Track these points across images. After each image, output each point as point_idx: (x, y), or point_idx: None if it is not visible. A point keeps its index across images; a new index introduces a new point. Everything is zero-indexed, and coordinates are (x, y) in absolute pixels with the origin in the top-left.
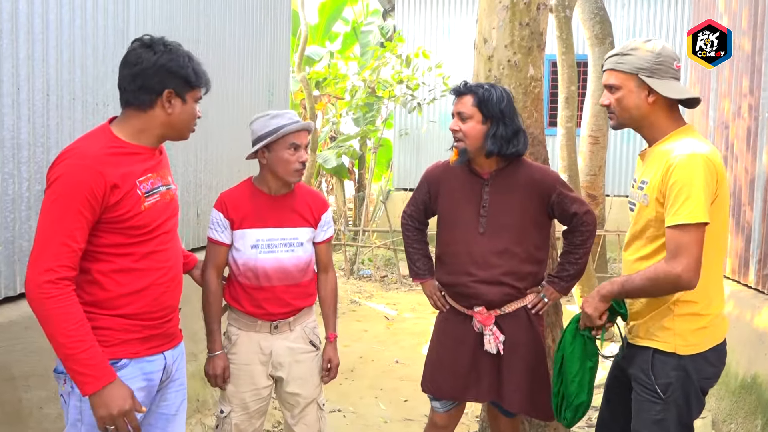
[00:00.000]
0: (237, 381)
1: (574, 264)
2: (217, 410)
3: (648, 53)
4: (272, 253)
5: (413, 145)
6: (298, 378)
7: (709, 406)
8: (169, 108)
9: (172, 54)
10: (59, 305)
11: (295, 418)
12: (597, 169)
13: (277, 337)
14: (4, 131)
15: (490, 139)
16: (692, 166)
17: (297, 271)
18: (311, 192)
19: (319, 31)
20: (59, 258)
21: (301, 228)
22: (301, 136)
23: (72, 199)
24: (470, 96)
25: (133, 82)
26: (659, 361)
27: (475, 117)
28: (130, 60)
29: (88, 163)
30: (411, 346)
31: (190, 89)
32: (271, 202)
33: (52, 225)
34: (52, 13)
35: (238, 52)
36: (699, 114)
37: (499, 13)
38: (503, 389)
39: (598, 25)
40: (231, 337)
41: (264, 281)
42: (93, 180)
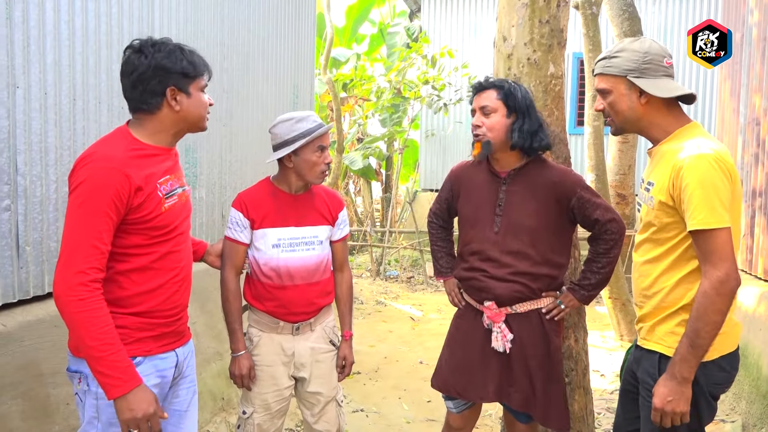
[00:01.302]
0: (259, 382)
1: (596, 273)
2: (239, 411)
3: (635, 53)
4: (294, 252)
5: (440, 146)
6: (319, 377)
7: (740, 410)
8: (176, 105)
9: (162, 52)
10: (90, 308)
11: (315, 416)
12: (626, 168)
13: (299, 338)
14: (32, 135)
15: (516, 132)
16: (704, 166)
17: (317, 269)
18: (327, 191)
19: (346, 33)
20: (89, 260)
21: (321, 226)
22: (325, 138)
23: (99, 202)
24: (494, 90)
25: (135, 89)
26: (666, 366)
27: (499, 110)
28: (126, 69)
29: (114, 166)
30: (436, 347)
31: (191, 80)
32: (291, 200)
33: (80, 228)
34: (78, 20)
35: (262, 55)
36: (730, 111)
37: (519, 10)
38: (511, 390)
39: (627, 21)
40: (253, 339)
41: (287, 280)
42: (119, 182)
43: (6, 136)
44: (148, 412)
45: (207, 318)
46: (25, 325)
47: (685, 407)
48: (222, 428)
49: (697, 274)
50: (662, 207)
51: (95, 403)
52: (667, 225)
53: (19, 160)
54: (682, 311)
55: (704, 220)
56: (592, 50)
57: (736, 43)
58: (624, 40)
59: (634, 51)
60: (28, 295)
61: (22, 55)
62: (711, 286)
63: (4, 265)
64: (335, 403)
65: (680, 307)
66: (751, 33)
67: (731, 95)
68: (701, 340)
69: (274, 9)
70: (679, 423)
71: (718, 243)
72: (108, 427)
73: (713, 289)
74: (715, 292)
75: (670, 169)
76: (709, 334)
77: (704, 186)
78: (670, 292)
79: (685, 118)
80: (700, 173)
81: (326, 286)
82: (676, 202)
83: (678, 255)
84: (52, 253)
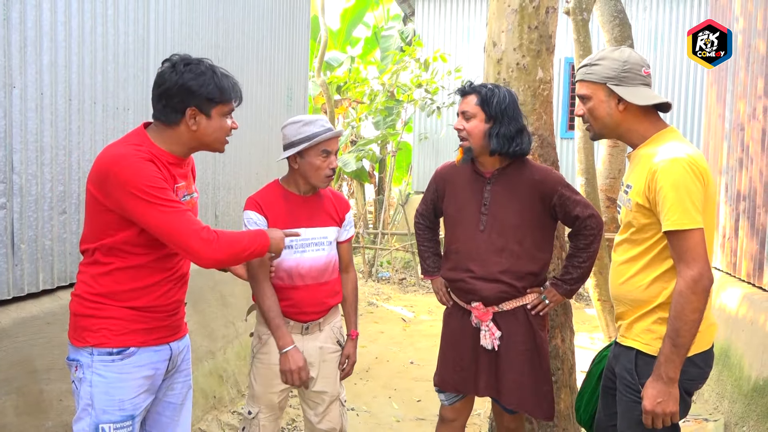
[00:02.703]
0: (268, 382)
1: (577, 267)
2: (244, 411)
3: (614, 62)
4: (305, 253)
5: (432, 149)
6: (325, 377)
7: (722, 409)
8: (194, 125)
9: (193, 73)
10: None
11: (319, 415)
12: (617, 172)
13: (308, 337)
14: (28, 134)
15: (494, 138)
16: (677, 170)
17: (327, 269)
18: (334, 192)
19: (341, 37)
20: (195, 222)
21: (329, 227)
22: (332, 143)
23: (155, 182)
24: (474, 95)
25: (159, 101)
26: (643, 362)
27: (478, 116)
28: (156, 80)
29: (146, 157)
30: (426, 347)
31: (215, 105)
32: (301, 202)
33: (170, 212)
34: (75, 21)
35: (256, 57)
36: (716, 116)
37: (508, 16)
38: (500, 386)
39: (618, 27)
40: (261, 337)
41: (298, 281)
42: (156, 169)
43: (2, 135)
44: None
45: (200, 317)
46: (19, 321)
47: (674, 407)
48: (213, 426)
49: (672, 274)
50: (639, 209)
51: (90, 391)
52: (644, 226)
53: (15, 159)
54: (659, 309)
55: (678, 221)
56: (582, 55)
57: None
58: (604, 49)
59: (614, 60)
60: (22, 292)
61: (19, 55)
62: (686, 285)
63: None
64: (339, 403)
65: (656, 306)
66: (736, 40)
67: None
68: (682, 339)
69: (268, 12)
70: (669, 424)
71: (692, 243)
72: (101, 414)
73: (688, 288)
74: (690, 290)
75: (646, 173)
76: (689, 332)
77: (677, 189)
78: (645, 290)
79: (661, 124)
80: (674, 176)
81: (335, 285)
82: (652, 204)
83: (654, 255)
84: (46, 251)
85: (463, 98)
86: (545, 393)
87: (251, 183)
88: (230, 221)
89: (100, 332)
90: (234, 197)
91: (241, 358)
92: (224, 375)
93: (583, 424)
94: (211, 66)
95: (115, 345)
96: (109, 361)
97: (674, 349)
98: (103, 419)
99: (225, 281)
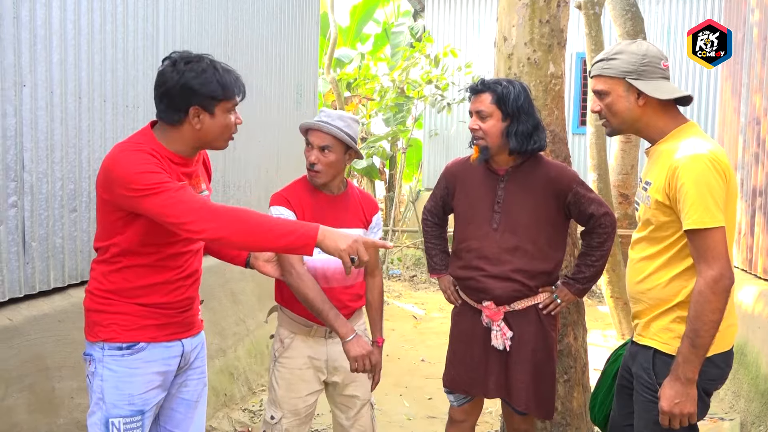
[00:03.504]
0: (290, 386)
1: (590, 266)
2: (266, 415)
3: (633, 56)
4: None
5: (443, 145)
6: (355, 380)
7: (739, 408)
8: (197, 123)
9: (194, 71)
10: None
11: (351, 419)
12: (629, 167)
13: (331, 341)
14: (38, 133)
15: (513, 136)
16: (699, 167)
17: (352, 272)
18: (363, 193)
19: (351, 33)
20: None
21: (356, 229)
22: (312, 135)
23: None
24: (488, 94)
25: (161, 101)
26: (660, 361)
27: (494, 115)
28: (157, 80)
29: (150, 152)
30: (437, 345)
31: (218, 102)
32: (328, 201)
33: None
34: (84, 19)
35: (265, 54)
36: (731, 110)
37: (519, 10)
38: (511, 387)
39: (630, 21)
40: (284, 341)
41: (323, 283)
42: (157, 161)
43: (13, 134)
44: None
45: (210, 315)
46: (30, 319)
47: (692, 408)
48: (224, 424)
49: (692, 272)
50: (659, 206)
51: (101, 385)
52: (664, 224)
53: (25, 157)
54: (677, 308)
55: (699, 220)
56: (594, 50)
57: (738, 43)
58: (621, 43)
59: (632, 53)
60: (33, 290)
61: (29, 53)
62: (706, 285)
63: (10, 260)
64: (369, 406)
65: (675, 304)
66: (752, 32)
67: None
68: (701, 340)
69: (278, 9)
70: (687, 424)
71: (712, 242)
72: (111, 408)
73: (708, 287)
74: (710, 290)
75: (666, 169)
76: (709, 333)
77: (699, 186)
78: (663, 288)
79: (681, 118)
80: (696, 173)
81: (359, 289)
82: (672, 201)
83: (674, 253)
84: (57, 249)
85: (476, 96)
86: (546, 392)
87: (261, 181)
88: None
89: (110, 327)
90: (244, 195)
91: (252, 355)
92: (235, 372)
93: (597, 423)
94: (212, 62)
95: (125, 340)
96: (119, 355)
97: (693, 349)
98: (113, 413)
99: (236, 278)
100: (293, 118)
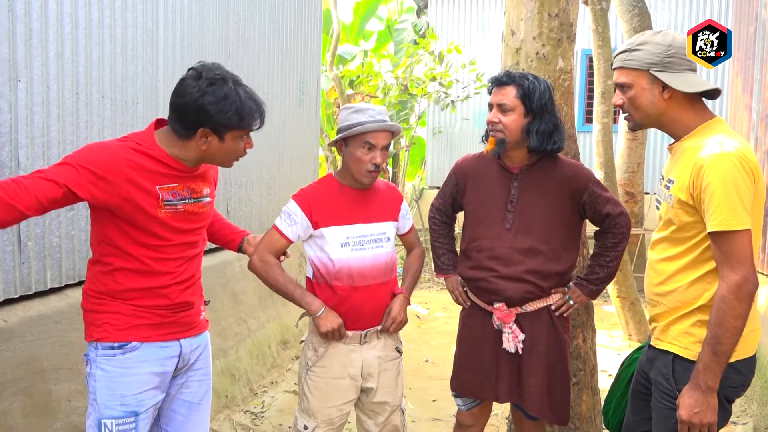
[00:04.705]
0: (326, 396)
1: (604, 267)
2: (299, 425)
3: (658, 47)
4: (363, 251)
5: (446, 143)
6: (385, 387)
7: (751, 412)
8: (204, 144)
9: (215, 96)
10: None
11: (380, 425)
12: (636, 165)
13: (366, 347)
14: (34, 129)
15: (534, 135)
16: (726, 166)
17: (387, 267)
18: (387, 184)
19: (354, 30)
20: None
21: (387, 222)
22: (378, 136)
23: (79, 161)
24: (513, 87)
25: (174, 111)
26: (680, 367)
27: (517, 110)
28: (177, 90)
29: (117, 149)
30: (441, 345)
31: (230, 130)
32: (358, 196)
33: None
34: (81, 13)
35: (268, 51)
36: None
37: (527, 4)
38: (523, 391)
39: (637, 17)
40: (318, 350)
41: (359, 281)
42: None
43: (8, 130)
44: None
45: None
46: (26, 320)
47: (712, 417)
48: (225, 426)
49: (715, 275)
50: (682, 205)
51: (94, 385)
52: (686, 224)
53: (21, 155)
54: (698, 312)
55: (725, 222)
56: (601, 46)
57: (749, 38)
58: (645, 33)
59: (657, 44)
60: (29, 290)
61: (24, 48)
62: (729, 290)
63: (5, 260)
64: (400, 412)
65: (696, 308)
66: (764, 27)
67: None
68: (723, 347)
69: (280, 4)
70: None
71: (738, 245)
72: (104, 409)
73: (731, 293)
74: (734, 296)
75: (691, 167)
76: (731, 339)
77: (726, 186)
78: (684, 290)
79: (708, 114)
80: (722, 172)
81: (393, 286)
82: (696, 201)
83: (696, 255)
84: (53, 249)
85: (499, 88)
86: (560, 397)
87: (263, 179)
88: (242, 216)
89: (103, 327)
90: (246, 193)
91: (253, 356)
92: (236, 374)
93: (611, 428)
94: (236, 86)
95: (116, 339)
96: (110, 355)
97: (714, 356)
98: (105, 414)
99: (237, 278)
100: (296, 115)
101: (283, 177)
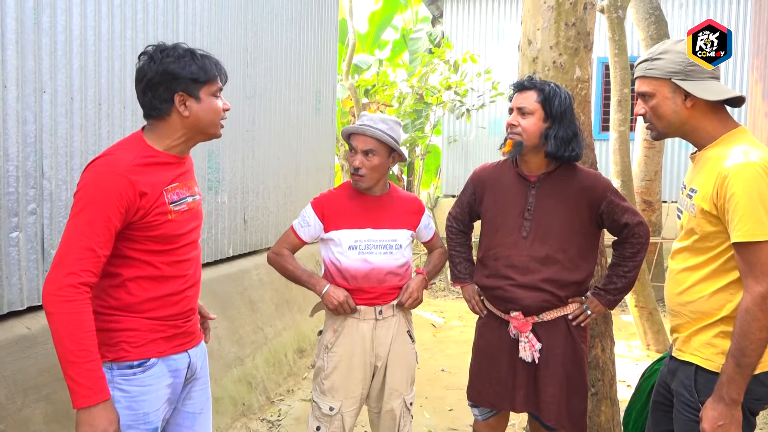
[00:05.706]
0: (347, 372)
1: (622, 277)
2: (324, 409)
3: (679, 55)
4: (372, 255)
5: (462, 152)
6: (393, 369)
7: None
8: (185, 111)
9: (171, 57)
10: (76, 310)
11: (381, 410)
12: (653, 174)
13: (381, 324)
14: (57, 139)
15: (552, 140)
16: (751, 175)
17: (397, 273)
18: (409, 196)
19: (369, 40)
20: (83, 263)
21: (400, 230)
22: (357, 140)
23: (100, 206)
24: (534, 92)
25: (145, 95)
26: (703, 378)
27: (536, 114)
28: (138, 75)
29: (118, 171)
30: (457, 354)
31: (201, 85)
32: (370, 203)
33: (80, 230)
34: (104, 26)
35: (285, 60)
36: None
37: (544, 13)
38: (540, 400)
39: (653, 25)
40: (336, 329)
41: (363, 282)
42: (123, 188)
43: (33, 140)
44: (107, 431)
45: (228, 323)
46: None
47: (736, 430)
48: None
49: (738, 285)
50: (705, 215)
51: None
52: (709, 234)
53: (45, 164)
54: (721, 323)
55: (749, 232)
56: (617, 54)
57: None
58: (666, 42)
59: (678, 52)
60: None
61: (49, 60)
62: (753, 302)
63: (29, 268)
64: (404, 403)
65: (719, 319)
66: None
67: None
68: (747, 359)
69: (297, 15)
70: None
71: (762, 256)
72: (126, 429)
73: (756, 305)
74: (758, 307)
75: (714, 177)
76: (756, 351)
77: (751, 196)
78: (705, 301)
79: (731, 123)
80: (747, 182)
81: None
82: (720, 211)
83: (718, 265)
84: None
85: (520, 93)
86: (577, 407)
87: (279, 187)
88: (259, 226)
89: (119, 345)
90: (263, 202)
91: (270, 364)
92: (253, 382)
93: None
94: (189, 48)
95: (135, 357)
96: (130, 374)
97: (738, 369)
98: None
99: (254, 286)
100: (312, 124)
101: (299, 186)
